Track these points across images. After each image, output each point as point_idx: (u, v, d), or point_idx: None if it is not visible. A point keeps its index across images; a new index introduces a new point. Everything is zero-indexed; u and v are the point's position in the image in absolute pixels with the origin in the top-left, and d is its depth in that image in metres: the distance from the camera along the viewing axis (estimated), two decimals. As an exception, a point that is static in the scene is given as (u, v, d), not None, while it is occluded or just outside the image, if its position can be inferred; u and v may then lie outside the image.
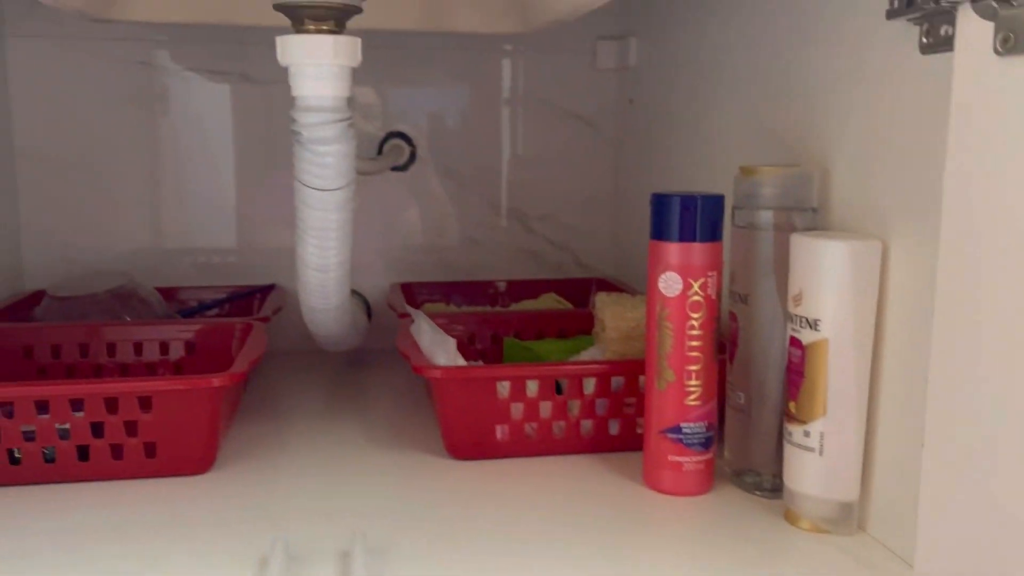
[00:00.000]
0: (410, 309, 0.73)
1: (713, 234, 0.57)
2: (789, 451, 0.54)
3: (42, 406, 0.58)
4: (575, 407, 0.65)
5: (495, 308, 0.96)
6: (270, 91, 0.95)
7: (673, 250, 0.57)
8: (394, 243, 1.01)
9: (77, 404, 0.59)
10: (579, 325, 0.83)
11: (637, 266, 0.97)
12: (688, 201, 0.56)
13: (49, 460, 0.59)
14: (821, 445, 0.52)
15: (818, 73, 0.58)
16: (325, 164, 0.62)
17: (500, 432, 0.65)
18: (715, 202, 0.57)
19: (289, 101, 0.64)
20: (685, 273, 0.57)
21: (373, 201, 0.98)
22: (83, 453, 0.60)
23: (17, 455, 0.59)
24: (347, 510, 0.57)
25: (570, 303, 0.95)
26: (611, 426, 0.67)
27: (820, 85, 0.58)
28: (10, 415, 0.58)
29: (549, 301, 0.95)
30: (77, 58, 0.92)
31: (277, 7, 0.60)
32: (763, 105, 0.67)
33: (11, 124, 0.91)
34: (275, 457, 0.66)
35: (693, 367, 0.57)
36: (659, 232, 0.57)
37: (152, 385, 0.59)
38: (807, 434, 0.53)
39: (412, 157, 0.98)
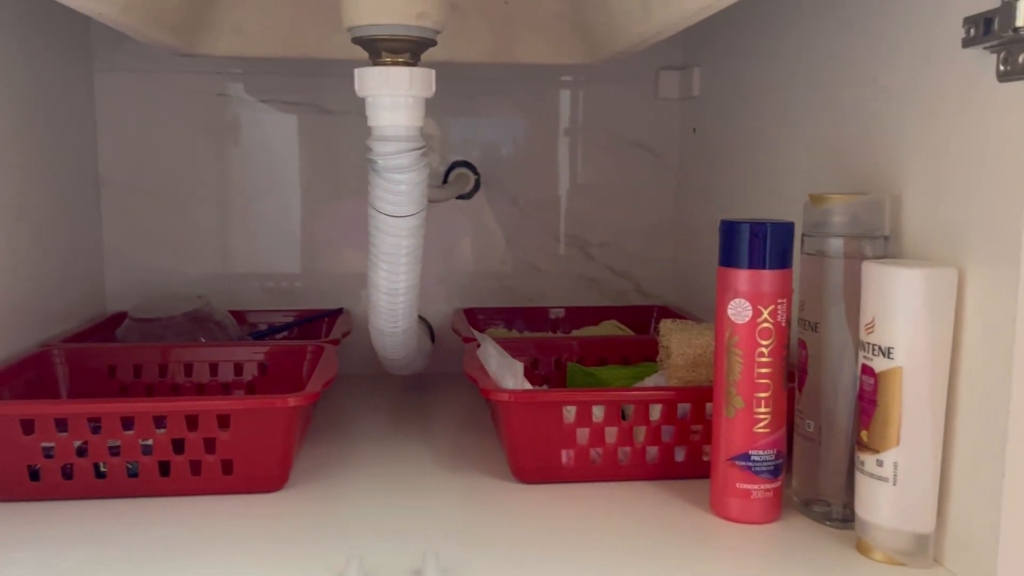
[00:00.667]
0: (476, 333, 0.74)
1: (783, 261, 0.57)
2: (861, 481, 0.54)
3: (127, 422, 0.61)
4: (641, 433, 0.66)
5: (556, 334, 0.97)
6: (340, 121, 0.98)
7: (742, 277, 0.57)
8: (456, 269, 1.03)
9: (160, 421, 0.61)
10: (642, 352, 0.83)
11: (699, 294, 0.97)
12: (757, 228, 0.56)
13: (132, 475, 0.62)
14: (895, 475, 0.52)
15: (890, 99, 0.59)
16: (399, 192, 0.64)
17: (565, 457, 0.65)
18: (785, 229, 0.57)
19: (356, 131, 0.66)
20: (755, 300, 0.57)
21: (436, 228, 1.00)
22: (164, 469, 0.62)
23: (103, 469, 0.61)
24: (417, 529, 0.58)
25: (631, 331, 0.95)
26: (677, 453, 0.67)
27: (892, 112, 0.58)
28: (97, 431, 0.60)
29: (610, 328, 0.96)
30: (158, 90, 0.96)
31: (356, 41, 0.63)
32: (830, 132, 0.67)
33: (96, 154, 0.96)
34: (345, 476, 0.67)
35: (762, 394, 0.57)
36: (728, 259, 0.58)
37: (231, 404, 0.61)
38: (880, 463, 0.52)
39: (477, 186, 1.00)
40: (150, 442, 0.61)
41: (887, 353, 0.52)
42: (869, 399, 0.53)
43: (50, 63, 0.84)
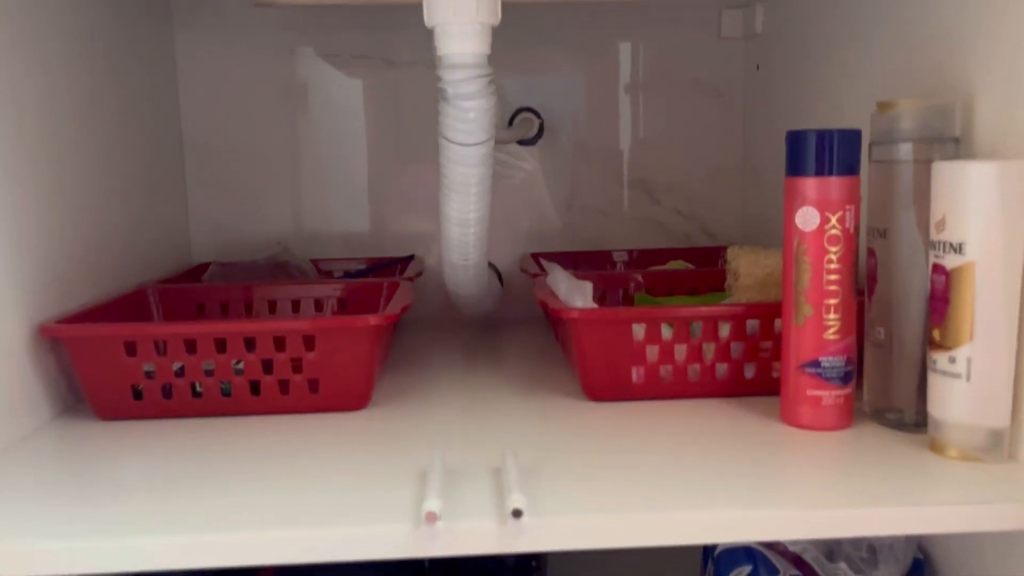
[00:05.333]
0: (545, 263, 0.76)
1: (850, 168, 0.57)
2: (934, 380, 0.54)
3: (220, 345, 0.64)
4: (710, 350, 0.67)
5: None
6: (406, 74, 1.01)
7: (810, 184, 0.57)
8: (521, 216, 1.05)
9: (250, 344, 0.65)
10: (710, 283, 0.84)
11: (766, 235, 0.97)
12: (824, 135, 0.57)
13: (226, 394, 0.65)
14: (968, 371, 0.52)
15: (963, 6, 0.58)
16: (468, 119, 0.66)
17: (636, 374, 0.67)
18: (851, 136, 0.57)
19: (422, 83, 0.67)
20: (822, 207, 0.57)
21: (500, 175, 1.03)
22: (255, 388, 0.66)
23: (199, 389, 0.65)
24: (495, 439, 0.60)
25: (699, 269, 0.96)
26: (746, 370, 0.67)
27: (965, 14, 0.58)
28: (193, 352, 0.64)
29: (677, 267, 0.96)
30: (233, 48, 1.00)
31: (422, -26, 0.65)
32: (898, 48, 0.67)
33: (179, 112, 1.01)
34: (424, 399, 0.70)
35: (831, 301, 0.58)
36: (795, 168, 0.58)
37: (316, 324, 0.64)
38: (953, 360, 0.52)
39: (541, 131, 1.02)
40: (241, 366, 0.65)
41: (958, 249, 0.52)
42: (941, 297, 0.53)
43: (132, 20, 0.88)
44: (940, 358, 0.53)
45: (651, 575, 0.96)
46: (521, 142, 1.02)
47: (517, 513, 0.45)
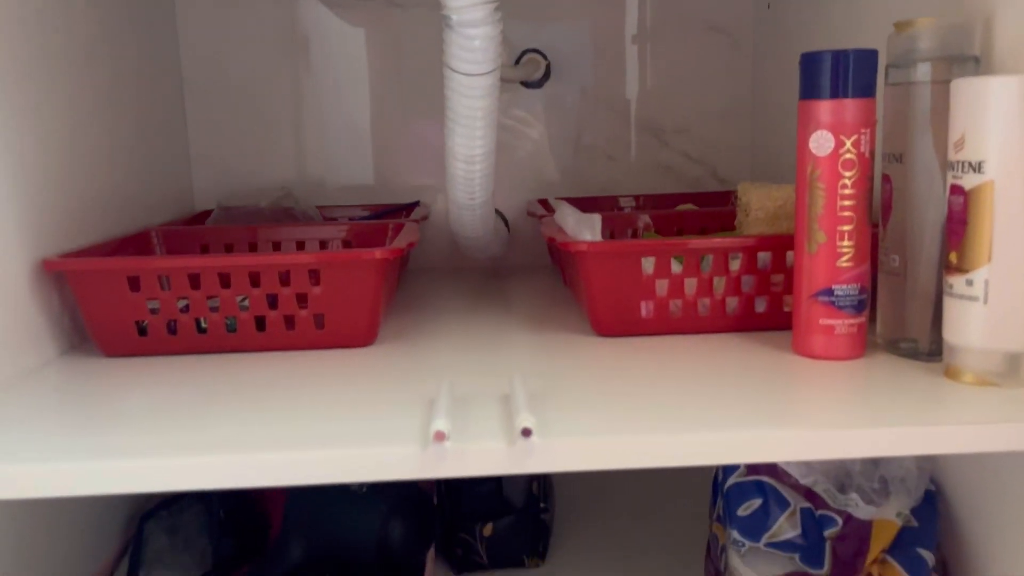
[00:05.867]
0: (552, 201, 0.75)
1: (865, 90, 0.56)
2: (950, 305, 0.53)
3: (224, 279, 0.64)
4: (720, 284, 0.66)
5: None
6: (409, 16, 0.99)
7: (824, 108, 0.56)
8: (528, 161, 1.03)
9: (255, 279, 0.64)
10: (720, 223, 0.83)
11: (778, 178, 0.95)
12: (839, 55, 0.55)
13: (231, 330, 0.65)
14: (986, 293, 0.51)
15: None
16: (473, 48, 0.64)
17: (645, 309, 0.66)
18: (867, 56, 0.56)
19: (424, 26, 0.65)
20: (837, 130, 0.56)
21: (506, 119, 1.01)
22: (260, 324, 0.65)
23: (204, 325, 0.65)
24: (503, 370, 0.59)
25: (709, 213, 0.94)
26: (758, 304, 0.66)
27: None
28: (197, 287, 0.64)
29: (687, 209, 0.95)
30: (235, -8, 0.99)
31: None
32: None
33: (179, 57, 0.99)
34: (431, 336, 0.69)
35: (845, 227, 0.57)
36: (809, 91, 0.57)
37: (321, 258, 0.64)
38: (970, 283, 0.51)
39: (547, 73, 1.00)
40: (247, 303, 0.65)
41: (977, 168, 0.50)
42: (958, 219, 0.52)
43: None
44: (957, 282, 0.52)
45: (661, 514, 0.96)
46: (527, 85, 1.00)
47: (527, 432, 0.44)
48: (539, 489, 0.84)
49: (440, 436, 0.44)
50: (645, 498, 1.00)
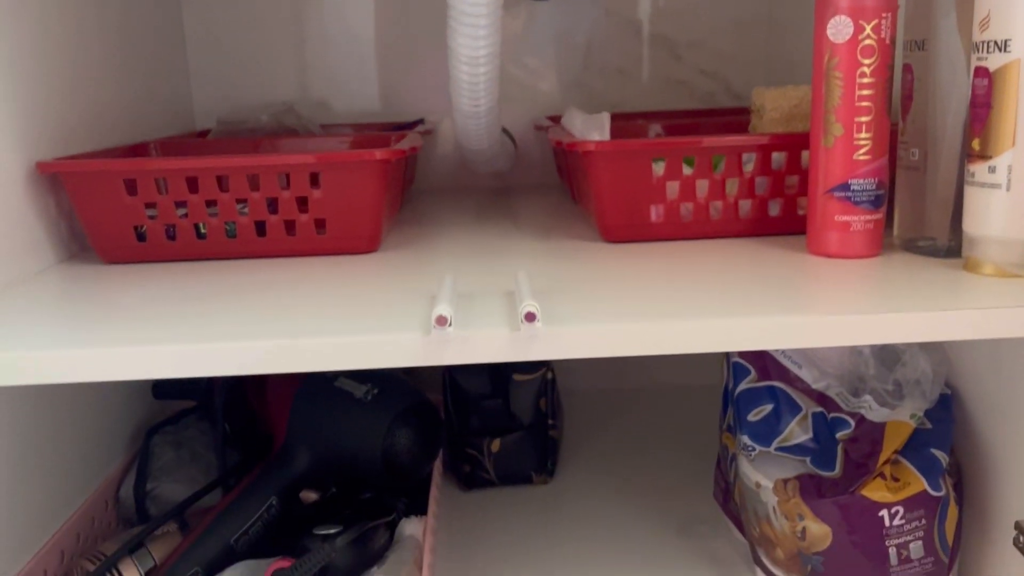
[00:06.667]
0: (564, 116, 0.73)
1: (888, -29, 0.53)
2: (971, 193, 0.51)
3: (222, 182, 0.62)
4: (733, 186, 0.64)
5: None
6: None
7: (843, -10, 0.53)
8: (536, 77, 1.01)
9: (254, 183, 0.62)
10: (735, 128, 0.80)
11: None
12: (860, -67, 0.52)
13: (231, 236, 0.64)
14: (1009, 180, 0.49)
15: None
16: (476, -62, 0.62)
17: (655, 213, 0.64)
18: (891, -66, 0.53)
19: None
20: (856, 15, 0.53)
21: (513, 35, 0.98)
22: (260, 229, 0.64)
23: (203, 230, 0.64)
24: (508, 271, 0.58)
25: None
26: (771, 207, 0.65)
27: None
28: (195, 190, 0.62)
29: (700, 125, 0.93)
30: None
31: None
32: None
33: (176, -30, 0.96)
34: (436, 244, 0.68)
35: (863, 118, 0.55)
36: (827, -27, 0.54)
37: (321, 158, 0.62)
38: (992, 170, 0.49)
39: (556, -16, 0.97)
40: (247, 210, 0.63)
41: (1003, 47, 0.48)
42: (982, 103, 0.49)
43: None
44: (979, 169, 0.50)
45: (670, 432, 0.96)
46: (535, -2, 0.97)
47: (531, 316, 0.43)
48: (547, 405, 0.83)
49: (442, 321, 0.43)
50: (654, 417, 0.99)
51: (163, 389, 0.82)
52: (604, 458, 0.90)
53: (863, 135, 0.55)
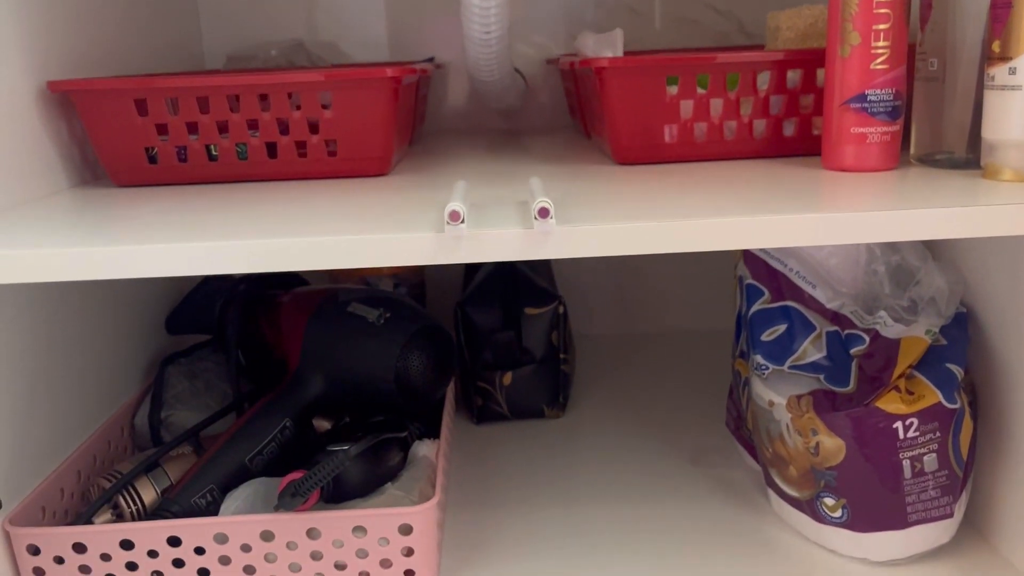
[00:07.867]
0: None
1: None
2: (990, 98, 0.50)
3: (232, 102, 0.62)
4: (747, 105, 0.63)
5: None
6: None
7: None
8: (545, 17, 0.99)
9: (264, 104, 0.62)
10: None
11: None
12: None
13: (242, 157, 0.63)
14: (1030, 81, 0.48)
15: None
16: None
17: (668, 133, 0.64)
18: None
19: None
20: (875, -82, 0.52)
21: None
22: (271, 151, 0.63)
23: (215, 152, 0.63)
24: (521, 187, 0.58)
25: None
26: (786, 127, 0.64)
27: None
28: (206, 110, 0.62)
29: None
30: None
31: None
32: None
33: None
34: (447, 170, 0.68)
35: (881, 26, 0.54)
36: None
37: (331, 75, 0.61)
38: (1013, 71, 0.49)
39: (566, -82, 0.95)
40: (256, 134, 0.63)
41: (1027, -57, 0.47)
42: (1003, 3, 0.49)
43: None
44: (999, 72, 0.49)
45: (683, 368, 0.96)
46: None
47: (544, 212, 0.43)
48: (559, 339, 0.83)
49: (455, 216, 0.43)
50: (665, 359, 0.99)
51: (176, 323, 0.82)
52: (616, 395, 0.90)
53: (881, 43, 0.54)
